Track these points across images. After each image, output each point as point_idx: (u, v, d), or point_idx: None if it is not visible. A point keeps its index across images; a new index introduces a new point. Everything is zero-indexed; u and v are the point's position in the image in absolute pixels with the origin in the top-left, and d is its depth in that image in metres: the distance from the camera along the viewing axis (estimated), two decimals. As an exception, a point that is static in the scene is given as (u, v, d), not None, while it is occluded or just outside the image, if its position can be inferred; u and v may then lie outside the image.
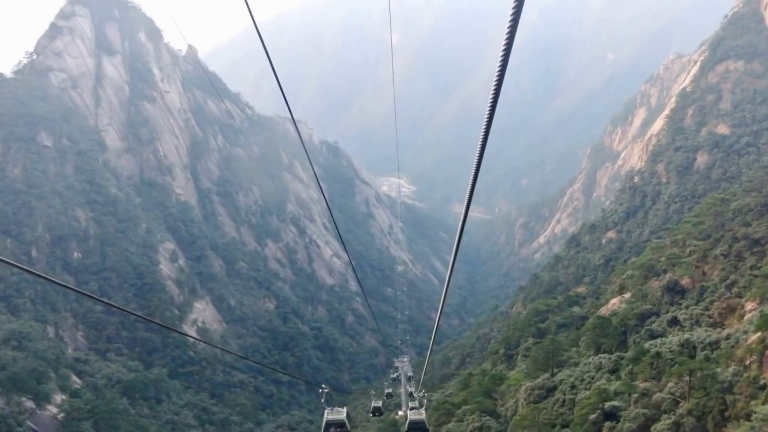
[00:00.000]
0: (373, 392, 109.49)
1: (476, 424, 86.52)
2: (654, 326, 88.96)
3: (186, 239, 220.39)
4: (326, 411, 43.92)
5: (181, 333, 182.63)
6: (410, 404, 57.12)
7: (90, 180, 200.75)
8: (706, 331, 77.31)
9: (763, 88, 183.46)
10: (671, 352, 71.76)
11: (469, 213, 14.14)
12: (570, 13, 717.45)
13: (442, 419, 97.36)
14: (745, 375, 57.27)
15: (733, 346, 66.02)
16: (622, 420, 64.13)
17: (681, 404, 60.31)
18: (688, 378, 61.17)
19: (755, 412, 50.57)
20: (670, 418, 58.88)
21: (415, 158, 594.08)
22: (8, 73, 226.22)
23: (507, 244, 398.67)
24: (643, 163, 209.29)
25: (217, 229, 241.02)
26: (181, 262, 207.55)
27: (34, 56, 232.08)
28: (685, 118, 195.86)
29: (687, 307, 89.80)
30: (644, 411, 62.45)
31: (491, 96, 9.84)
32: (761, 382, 54.98)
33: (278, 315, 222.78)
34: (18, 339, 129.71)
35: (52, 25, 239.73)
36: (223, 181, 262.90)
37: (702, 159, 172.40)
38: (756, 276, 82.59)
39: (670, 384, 63.55)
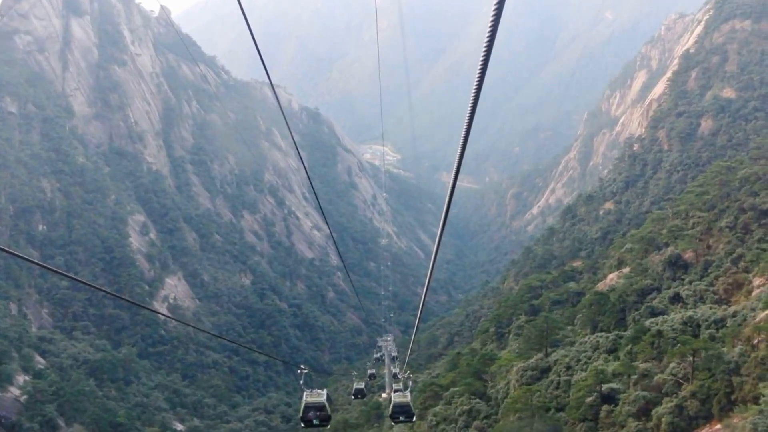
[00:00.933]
0: (355, 373, 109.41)
1: (465, 407, 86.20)
2: (655, 303, 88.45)
3: (157, 211, 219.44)
4: (305, 393, 43.11)
5: (151, 310, 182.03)
6: (394, 386, 56.60)
7: (56, 148, 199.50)
8: (710, 308, 76.86)
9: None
10: (673, 330, 71.32)
11: (458, 183, 13.55)
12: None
13: (428, 402, 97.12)
14: (752, 355, 56.72)
15: (739, 324, 65.54)
16: (620, 403, 63.74)
17: (684, 386, 59.85)
18: (691, 358, 60.66)
19: (764, 395, 50.11)
20: (672, 401, 58.45)
21: (401, 125, 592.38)
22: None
23: (498, 216, 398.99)
24: (644, 130, 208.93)
25: (191, 200, 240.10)
26: (152, 235, 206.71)
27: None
28: (688, 82, 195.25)
29: (690, 283, 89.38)
30: (644, 393, 62.03)
31: (481, 60, 9.39)
32: (770, 363, 54.55)
33: (255, 291, 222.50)
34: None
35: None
36: (198, 149, 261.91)
37: (706, 125, 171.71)
38: (764, 249, 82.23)
39: (672, 365, 63.05)
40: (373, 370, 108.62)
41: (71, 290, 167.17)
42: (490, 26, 8.70)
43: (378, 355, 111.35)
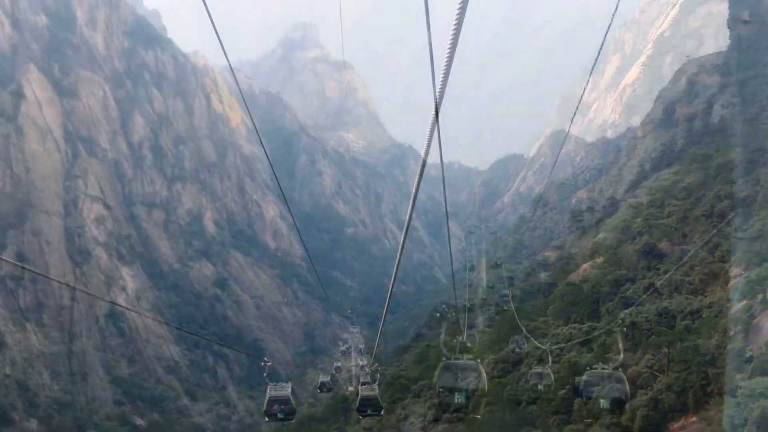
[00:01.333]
0: (320, 366, 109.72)
1: (434, 401, 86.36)
2: (629, 293, 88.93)
3: (115, 199, 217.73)
4: (269, 386, 43.01)
5: (109, 302, 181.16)
6: (362, 379, 56.69)
7: (8, 135, 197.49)
8: (686, 298, 77.33)
9: (748, 33, 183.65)
10: (648, 321, 71.80)
11: (426, 170, 13.47)
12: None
13: (396, 395, 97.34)
14: (728, 347, 57.21)
15: (716, 316, 66.05)
16: (594, 396, 64.08)
17: (659, 379, 60.27)
18: (666, 350, 61.17)
19: (740, 387, 50.49)
20: (647, 394, 58.87)
21: (367, 110, 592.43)
22: None
23: (467, 205, 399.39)
24: (617, 116, 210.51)
25: (150, 188, 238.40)
26: (110, 223, 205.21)
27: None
28: (663, 66, 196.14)
29: (665, 273, 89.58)
30: (619, 386, 62.38)
31: (449, 45, 9.70)
32: (747, 355, 54.95)
33: (216, 282, 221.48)
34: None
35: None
36: (156, 135, 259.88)
37: (681, 110, 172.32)
38: (741, 239, 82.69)
39: (647, 357, 63.52)
40: (339, 363, 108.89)
41: (26, 281, 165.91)
42: (458, 10, 8.68)
43: (344, 347, 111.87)
